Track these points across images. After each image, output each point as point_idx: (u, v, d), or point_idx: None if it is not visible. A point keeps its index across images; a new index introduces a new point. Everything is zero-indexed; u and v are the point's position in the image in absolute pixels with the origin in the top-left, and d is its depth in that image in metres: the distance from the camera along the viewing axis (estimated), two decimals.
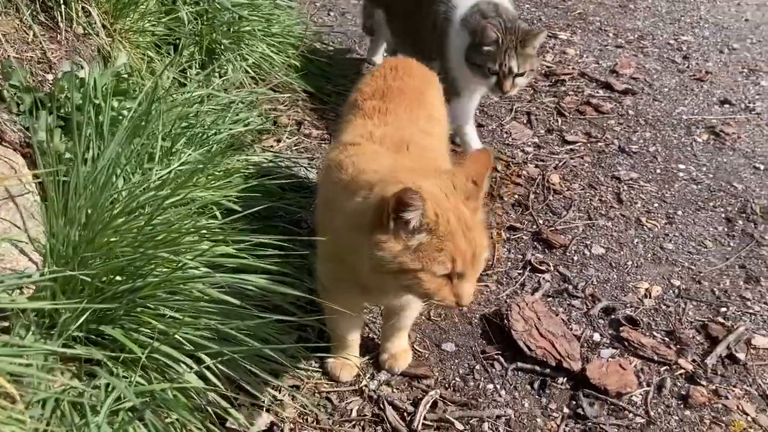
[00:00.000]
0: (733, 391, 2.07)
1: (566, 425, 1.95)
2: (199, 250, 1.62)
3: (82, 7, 2.31)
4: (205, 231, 1.75)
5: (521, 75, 2.70)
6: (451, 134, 2.71)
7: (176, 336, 1.56)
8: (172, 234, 1.60)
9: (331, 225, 1.66)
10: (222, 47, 3.03)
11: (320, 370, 2.05)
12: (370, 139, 1.76)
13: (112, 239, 1.59)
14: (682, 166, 3.20)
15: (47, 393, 1.40)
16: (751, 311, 2.37)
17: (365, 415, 1.94)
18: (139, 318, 1.59)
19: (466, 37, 2.73)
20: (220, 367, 1.64)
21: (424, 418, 1.93)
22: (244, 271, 1.77)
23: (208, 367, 1.66)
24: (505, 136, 3.37)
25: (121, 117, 2.00)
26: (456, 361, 2.14)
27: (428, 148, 1.80)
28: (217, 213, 2.14)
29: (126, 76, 2.18)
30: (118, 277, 1.60)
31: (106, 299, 1.55)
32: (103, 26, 2.36)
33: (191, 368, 1.62)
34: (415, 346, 2.16)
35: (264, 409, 1.85)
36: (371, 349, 2.13)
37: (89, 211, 1.60)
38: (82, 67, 2.06)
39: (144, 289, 1.52)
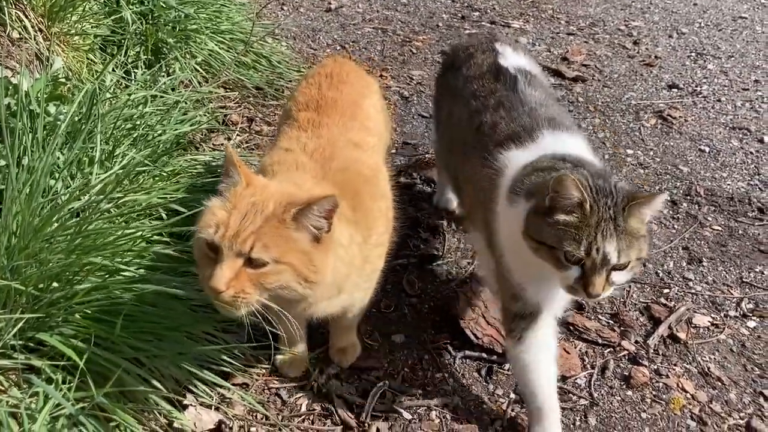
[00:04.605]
0: (674, 369, 2.14)
1: (512, 410, 1.99)
2: (132, 254, 1.62)
3: (16, 11, 2.27)
4: (140, 234, 1.74)
5: (622, 268, 1.57)
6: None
7: (115, 340, 1.57)
8: (106, 238, 1.60)
9: None
10: (168, 46, 3.01)
11: (270, 366, 2.06)
12: (303, 151, 1.76)
13: (46, 246, 1.58)
14: (630, 151, 3.27)
15: None
16: (692, 291, 2.44)
17: (315, 410, 1.96)
18: (77, 324, 1.59)
19: (522, 202, 1.67)
20: (162, 368, 1.66)
21: (373, 410, 1.95)
22: (186, 272, 1.79)
23: (150, 370, 1.67)
24: None
25: (58, 122, 1.98)
26: (405, 351, 2.17)
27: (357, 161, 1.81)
28: (163, 214, 2.14)
29: (64, 80, 2.16)
30: (54, 284, 1.60)
31: (42, 306, 1.54)
32: (40, 30, 2.34)
33: (136, 371, 1.63)
34: (364, 338, 2.18)
35: (212, 407, 1.87)
36: (321, 343, 2.15)
37: (21, 218, 1.59)
38: (18, 73, 2.04)
39: (78, 296, 1.52)
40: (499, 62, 2.11)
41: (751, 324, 2.31)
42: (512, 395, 2.04)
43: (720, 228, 2.76)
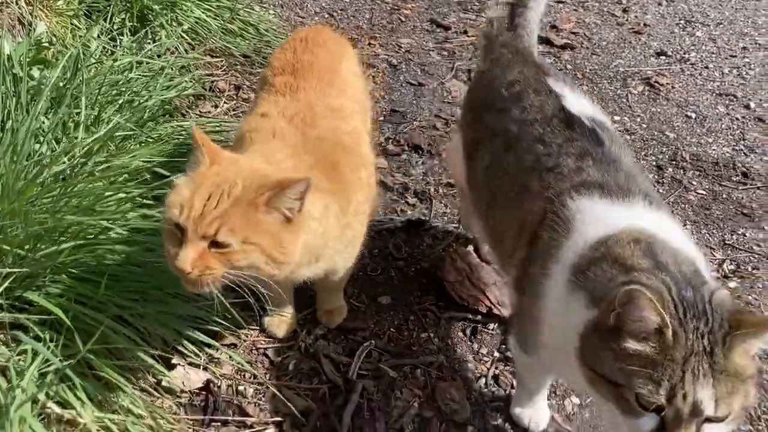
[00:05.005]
0: None
1: (496, 368, 2.03)
2: (117, 216, 1.64)
3: None
4: (125, 196, 1.76)
5: (719, 421, 1.15)
6: None
7: (101, 299, 1.59)
8: (90, 200, 1.61)
9: None
10: (154, 13, 2.99)
11: (258, 327, 2.09)
12: (282, 116, 1.74)
13: (31, 207, 1.59)
14: (617, 118, 3.28)
15: None
16: None
17: (302, 369, 1.99)
18: (64, 283, 1.61)
19: (582, 304, 1.29)
20: (149, 327, 1.68)
21: (359, 368, 1.99)
22: None
23: (137, 329, 1.70)
24: (445, 94, 3.41)
25: (42, 86, 1.98)
26: (391, 313, 2.20)
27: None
28: (148, 178, 2.15)
29: (47, 44, 2.15)
30: (40, 244, 1.62)
31: (28, 265, 1.56)
32: None
33: (123, 331, 1.66)
34: (351, 300, 2.21)
35: (201, 367, 1.90)
36: (309, 304, 2.18)
37: (5, 180, 1.60)
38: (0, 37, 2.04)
39: (64, 254, 1.54)
40: (566, 108, 1.76)
41: (732, 284, 2.35)
42: (496, 354, 2.07)
43: (704, 192, 2.79)
